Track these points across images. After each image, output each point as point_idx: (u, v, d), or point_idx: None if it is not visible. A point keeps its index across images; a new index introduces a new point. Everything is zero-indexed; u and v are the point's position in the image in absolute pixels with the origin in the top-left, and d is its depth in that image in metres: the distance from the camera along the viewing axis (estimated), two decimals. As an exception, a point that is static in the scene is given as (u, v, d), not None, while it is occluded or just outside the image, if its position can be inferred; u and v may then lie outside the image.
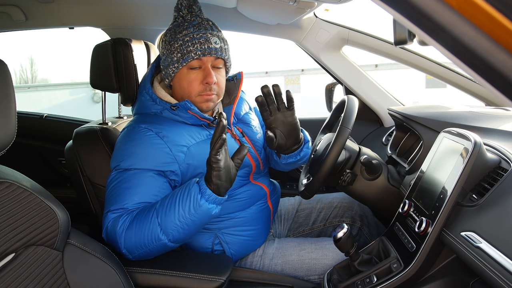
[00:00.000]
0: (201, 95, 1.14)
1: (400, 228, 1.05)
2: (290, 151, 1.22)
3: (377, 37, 1.80)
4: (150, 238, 0.99)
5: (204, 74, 1.12)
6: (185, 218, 0.97)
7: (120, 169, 1.08)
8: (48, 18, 1.98)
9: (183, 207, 0.97)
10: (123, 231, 1.00)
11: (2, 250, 0.73)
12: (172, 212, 0.98)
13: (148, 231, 0.99)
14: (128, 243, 1.00)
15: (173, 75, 1.15)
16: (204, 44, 1.10)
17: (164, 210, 0.99)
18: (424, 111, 1.29)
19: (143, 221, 1.00)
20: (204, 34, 1.11)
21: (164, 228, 0.98)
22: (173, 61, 1.12)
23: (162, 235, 0.98)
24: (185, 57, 1.10)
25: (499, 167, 0.88)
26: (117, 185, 1.07)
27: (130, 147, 1.10)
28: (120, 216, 1.03)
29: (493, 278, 0.69)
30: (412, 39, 1.11)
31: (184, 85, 1.14)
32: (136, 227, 1.00)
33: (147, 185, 1.06)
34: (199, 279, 1.02)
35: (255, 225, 1.26)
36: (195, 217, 0.97)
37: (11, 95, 0.74)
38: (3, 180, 0.76)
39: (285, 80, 7.06)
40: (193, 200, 0.96)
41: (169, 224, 0.98)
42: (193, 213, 0.97)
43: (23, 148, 2.23)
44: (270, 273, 1.21)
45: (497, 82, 0.42)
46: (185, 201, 0.97)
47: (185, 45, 1.10)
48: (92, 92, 6.63)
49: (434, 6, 0.40)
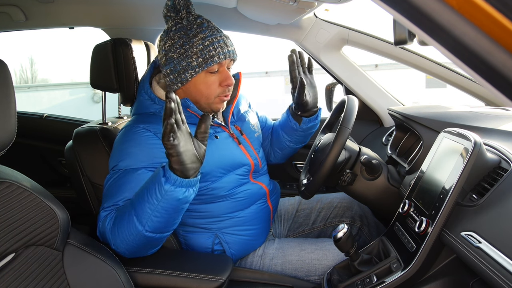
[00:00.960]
0: (219, 97, 1.15)
1: (400, 228, 1.05)
2: (311, 113, 1.36)
3: (377, 37, 1.80)
4: (129, 230, 0.97)
5: (223, 76, 1.13)
6: (154, 205, 0.93)
7: (117, 169, 1.09)
8: (48, 18, 1.98)
9: (151, 194, 0.93)
10: (110, 227, 1.01)
11: (2, 250, 0.73)
12: (142, 201, 0.95)
13: (127, 224, 0.97)
14: (115, 238, 0.99)
15: (189, 79, 1.12)
16: (224, 47, 1.10)
17: (137, 201, 0.96)
18: (424, 111, 1.29)
19: (123, 214, 0.99)
20: (221, 37, 1.11)
21: (139, 218, 0.95)
22: (191, 66, 1.10)
23: (139, 225, 0.95)
24: (209, 61, 1.09)
25: (499, 167, 0.88)
26: (111, 184, 1.07)
27: (128, 148, 1.10)
28: (109, 213, 1.03)
29: (493, 278, 0.69)
30: (412, 39, 1.11)
31: (202, 88, 1.13)
32: (118, 222, 0.99)
33: (138, 182, 1.04)
34: (199, 279, 1.02)
35: (255, 224, 1.26)
36: (163, 203, 0.93)
37: (11, 95, 0.74)
38: (3, 180, 0.76)
39: (285, 80, 7.05)
40: (158, 186, 0.92)
41: (142, 214, 0.95)
42: (160, 199, 0.92)
43: (23, 148, 2.23)
44: (270, 273, 1.21)
45: (497, 82, 0.42)
46: (152, 188, 0.93)
47: (207, 49, 1.08)
48: (92, 92, 6.63)
49: (434, 6, 0.40)
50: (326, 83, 2.02)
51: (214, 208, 1.20)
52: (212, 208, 1.20)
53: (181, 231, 1.24)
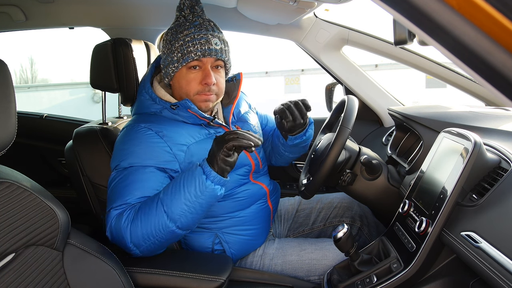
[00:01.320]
0: (199, 95, 1.15)
1: (400, 228, 1.05)
2: (297, 132, 1.30)
3: (377, 37, 1.80)
4: (158, 227, 0.99)
5: (204, 74, 1.13)
6: (192, 202, 0.98)
7: (120, 168, 1.09)
8: (48, 18, 1.98)
9: (189, 191, 0.98)
10: (128, 224, 1.00)
11: (2, 250, 0.73)
12: (178, 198, 0.98)
13: (155, 221, 0.99)
14: (134, 236, 1.00)
15: (172, 75, 1.15)
16: (204, 45, 1.10)
17: (169, 197, 0.99)
18: (424, 111, 1.29)
19: (149, 211, 1.00)
20: (205, 35, 1.11)
21: (171, 214, 0.98)
22: (173, 61, 1.13)
23: (169, 222, 0.98)
24: (185, 57, 1.10)
25: (499, 167, 0.88)
26: (118, 183, 1.07)
27: (130, 147, 1.10)
28: (123, 211, 1.03)
29: (493, 278, 0.69)
30: (412, 39, 1.11)
31: (183, 84, 1.15)
32: (141, 219, 1.00)
33: (148, 180, 1.06)
34: (199, 279, 1.02)
35: (255, 224, 1.26)
36: (202, 199, 0.99)
37: (11, 95, 0.74)
38: (3, 180, 0.76)
39: (285, 80, 7.05)
40: (199, 183, 0.98)
41: (175, 210, 0.98)
42: (199, 195, 0.98)
43: (23, 148, 2.23)
44: (270, 273, 1.21)
45: (497, 82, 0.42)
46: (191, 184, 0.98)
47: (186, 45, 1.10)
48: (92, 92, 6.63)
49: (434, 6, 0.40)
50: (326, 83, 2.02)
51: (214, 208, 1.20)
52: (213, 208, 1.19)
53: (181, 231, 1.24)
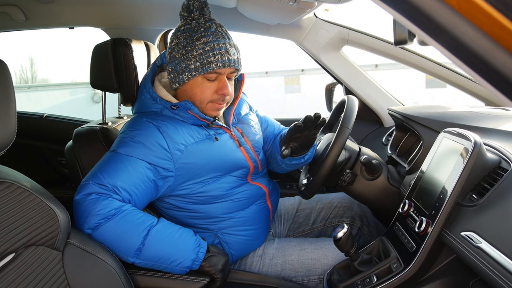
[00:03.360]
0: (213, 103, 1.15)
1: (400, 228, 1.05)
2: (297, 155, 1.26)
3: (377, 37, 1.80)
4: (122, 245, 0.99)
5: (220, 85, 1.13)
6: (163, 262, 1.02)
7: (117, 152, 1.08)
8: (48, 18, 1.98)
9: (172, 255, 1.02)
10: (104, 218, 0.97)
11: (2, 250, 0.73)
12: (160, 249, 1.01)
13: (126, 239, 0.98)
14: (100, 230, 0.97)
15: (186, 81, 1.13)
16: (224, 55, 1.09)
17: (156, 242, 1.01)
18: (424, 111, 1.29)
19: (131, 229, 0.99)
20: (224, 44, 1.10)
21: (141, 253, 0.99)
22: (189, 68, 1.10)
23: (133, 252, 0.99)
24: (205, 67, 1.09)
25: (499, 167, 0.88)
26: (107, 161, 1.06)
27: (131, 137, 1.10)
28: (107, 197, 1.00)
29: (493, 278, 0.69)
30: (412, 39, 1.11)
31: (197, 92, 1.13)
32: (121, 227, 0.98)
33: (134, 175, 1.04)
34: (182, 280, 1.02)
35: (255, 224, 1.26)
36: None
37: (11, 95, 0.74)
38: (3, 180, 0.76)
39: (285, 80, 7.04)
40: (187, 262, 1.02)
41: (149, 254, 1.00)
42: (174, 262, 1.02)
43: (23, 148, 2.23)
44: (254, 273, 1.21)
45: (497, 82, 0.42)
46: (179, 257, 1.02)
47: (206, 54, 1.08)
48: (92, 92, 6.63)
49: (434, 6, 0.40)
50: (326, 83, 2.02)
51: (213, 209, 1.20)
52: (211, 209, 1.20)
53: (181, 231, 1.24)
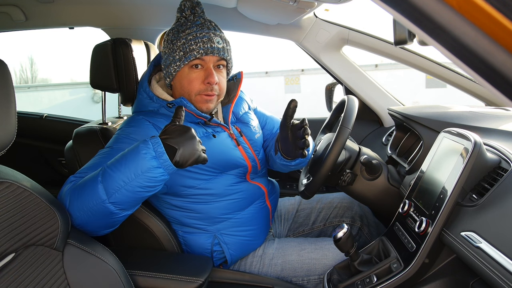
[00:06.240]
0: (200, 95, 1.14)
1: (400, 228, 1.05)
2: (288, 158, 1.22)
3: (377, 37, 1.80)
4: (91, 196, 0.91)
5: (206, 73, 1.13)
6: (131, 179, 0.90)
7: (108, 147, 1.09)
8: (48, 18, 1.98)
9: (129, 168, 0.90)
10: (70, 188, 0.95)
11: (2, 250, 0.73)
12: (117, 171, 0.90)
13: (90, 190, 0.91)
14: (72, 201, 0.92)
15: (174, 74, 1.15)
16: (207, 43, 1.10)
17: (110, 169, 0.91)
18: (424, 111, 1.29)
19: (87, 180, 0.94)
20: (207, 33, 1.11)
21: (107, 187, 0.90)
22: (175, 60, 1.12)
23: (103, 194, 0.90)
24: (188, 55, 1.10)
25: (499, 167, 0.88)
26: (99, 156, 1.06)
27: (126, 134, 1.11)
28: (78, 179, 0.98)
29: (493, 278, 0.69)
30: (412, 39, 1.11)
31: (185, 83, 1.14)
32: (81, 185, 0.93)
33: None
34: (177, 280, 1.02)
35: (254, 224, 1.26)
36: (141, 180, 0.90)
37: (11, 95, 0.74)
38: (3, 180, 0.76)
39: (285, 80, 7.04)
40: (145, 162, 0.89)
41: (112, 183, 0.90)
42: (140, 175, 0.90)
43: (23, 148, 2.23)
44: (250, 274, 1.21)
45: (497, 82, 0.42)
46: (133, 162, 0.89)
47: (188, 43, 1.10)
48: (92, 92, 6.63)
49: (434, 6, 0.40)
50: (326, 83, 2.02)
51: (211, 209, 1.20)
52: (209, 209, 1.19)
53: (180, 231, 1.24)
